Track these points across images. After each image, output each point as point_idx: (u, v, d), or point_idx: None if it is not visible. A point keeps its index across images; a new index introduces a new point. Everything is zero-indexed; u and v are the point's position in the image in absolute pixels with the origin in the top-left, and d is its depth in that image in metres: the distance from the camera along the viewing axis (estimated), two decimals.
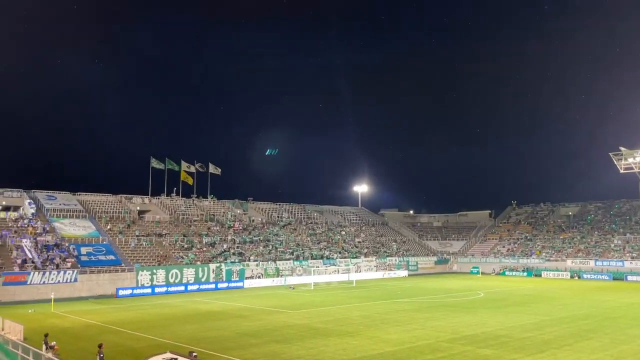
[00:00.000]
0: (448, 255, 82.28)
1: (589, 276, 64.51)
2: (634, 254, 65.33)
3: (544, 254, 73.20)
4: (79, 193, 63.42)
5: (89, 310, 37.15)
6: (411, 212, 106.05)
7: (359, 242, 76.26)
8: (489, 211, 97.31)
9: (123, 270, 49.06)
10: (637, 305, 37.62)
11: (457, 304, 39.45)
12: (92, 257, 49.61)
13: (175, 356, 17.34)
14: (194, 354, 18.56)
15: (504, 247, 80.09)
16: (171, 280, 50.70)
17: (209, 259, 56.31)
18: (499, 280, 62.87)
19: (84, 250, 50.23)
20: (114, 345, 23.85)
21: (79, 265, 47.27)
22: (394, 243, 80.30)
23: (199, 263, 54.65)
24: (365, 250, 72.97)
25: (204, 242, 60.25)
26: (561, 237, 77.22)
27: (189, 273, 52.19)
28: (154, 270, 50.26)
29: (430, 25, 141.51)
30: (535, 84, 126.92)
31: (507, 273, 72.00)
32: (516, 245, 79.22)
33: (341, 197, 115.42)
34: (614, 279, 62.06)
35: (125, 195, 66.61)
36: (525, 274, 70.00)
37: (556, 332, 26.34)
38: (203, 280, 52.71)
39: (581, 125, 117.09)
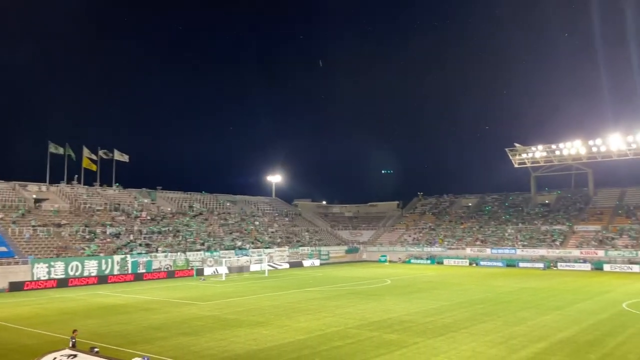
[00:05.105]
0: (358, 245, 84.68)
1: (485, 263, 69.30)
2: (524, 243, 71.09)
3: (445, 242, 77.52)
4: None
5: None
6: (324, 202, 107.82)
7: (273, 232, 76.33)
8: (397, 202, 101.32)
9: (16, 263, 45.48)
10: (527, 290, 41.05)
11: (366, 291, 40.78)
12: None
13: (74, 352, 16.41)
14: (96, 349, 17.68)
15: (410, 236, 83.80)
16: (71, 273, 47.79)
17: (113, 251, 53.72)
18: (405, 268, 65.76)
19: None
20: (4, 343, 22.13)
21: None
22: (306, 233, 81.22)
23: (102, 255, 51.97)
24: (279, 240, 73.21)
25: (107, 233, 57.34)
26: (461, 226, 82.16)
27: (91, 265, 49.48)
28: (52, 263, 47.08)
29: (356, 16, 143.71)
30: (439, 83, 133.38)
31: (412, 261, 75.47)
32: (421, 234, 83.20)
33: (255, 187, 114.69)
34: (507, 265, 67.15)
35: (19, 182, 61.60)
36: (428, 261, 73.77)
37: (455, 316, 28.06)
38: (107, 272, 50.26)
39: (481, 121, 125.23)
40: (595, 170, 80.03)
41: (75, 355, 15.83)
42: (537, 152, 78.26)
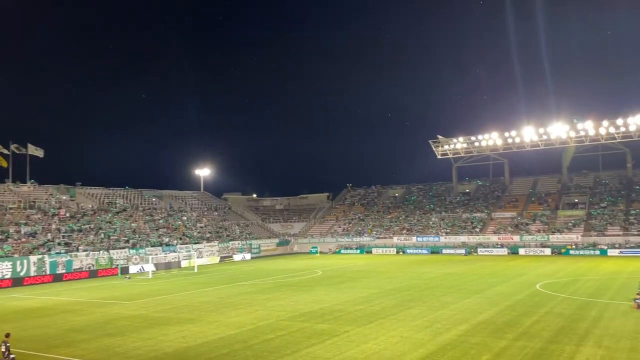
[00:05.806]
0: (289, 237, 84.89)
1: (411, 251, 71.80)
2: (447, 230, 74.29)
3: (374, 232, 79.47)
4: None
5: None
6: (254, 195, 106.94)
7: (202, 227, 74.83)
8: (327, 194, 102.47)
9: None
10: (450, 275, 42.99)
11: (297, 283, 41.02)
12: None
13: None
14: (12, 355, 16.66)
15: (340, 227, 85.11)
16: None
17: (29, 251, 50.52)
18: (335, 259, 66.78)
19: None
20: None
21: None
22: (237, 227, 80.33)
23: (16, 255, 48.73)
24: (208, 235, 71.90)
25: (22, 232, 53.83)
26: (389, 216, 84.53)
27: (4, 267, 46.28)
28: None
29: (277, 18, 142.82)
30: (367, 80, 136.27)
31: (342, 251, 76.76)
32: (351, 225, 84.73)
33: (182, 182, 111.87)
34: (432, 252, 69.97)
35: None
36: (358, 251, 75.34)
37: (383, 304, 28.89)
38: (22, 274, 47.20)
39: (405, 115, 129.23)
40: (510, 161, 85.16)
41: None
42: (458, 144, 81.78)
